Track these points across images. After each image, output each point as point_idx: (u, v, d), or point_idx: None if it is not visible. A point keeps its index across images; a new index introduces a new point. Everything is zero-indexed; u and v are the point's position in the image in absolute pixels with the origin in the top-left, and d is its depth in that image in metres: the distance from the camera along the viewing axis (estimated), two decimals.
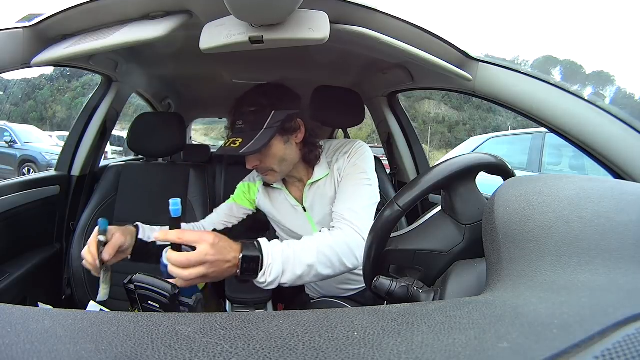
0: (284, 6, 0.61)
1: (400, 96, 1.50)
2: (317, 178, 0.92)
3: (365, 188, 0.86)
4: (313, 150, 0.91)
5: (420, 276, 0.50)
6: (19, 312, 0.25)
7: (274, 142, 0.84)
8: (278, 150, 0.85)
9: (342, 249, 0.74)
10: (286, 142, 0.87)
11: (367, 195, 0.86)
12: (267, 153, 0.85)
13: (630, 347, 0.17)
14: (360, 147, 0.93)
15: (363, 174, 0.88)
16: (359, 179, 0.87)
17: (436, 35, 0.78)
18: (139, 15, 0.74)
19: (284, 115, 0.83)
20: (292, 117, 0.86)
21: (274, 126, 0.82)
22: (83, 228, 1.17)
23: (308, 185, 0.93)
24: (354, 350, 0.21)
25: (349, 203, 0.84)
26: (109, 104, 1.36)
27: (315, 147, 0.92)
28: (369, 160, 0.91)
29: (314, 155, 0.91)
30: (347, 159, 0.91)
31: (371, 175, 0.89)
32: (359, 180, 0.87)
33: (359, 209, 0.82)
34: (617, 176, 0.68)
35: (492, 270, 0.31)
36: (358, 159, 0.90)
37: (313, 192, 0.94)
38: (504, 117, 37.42)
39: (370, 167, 0.90)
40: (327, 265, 0.73)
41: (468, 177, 0.50)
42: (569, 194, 0.32)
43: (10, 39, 0.72)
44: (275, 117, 0.82)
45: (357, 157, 0.90)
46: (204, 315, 0.25)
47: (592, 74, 67.55)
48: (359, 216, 0.81)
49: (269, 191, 1.02)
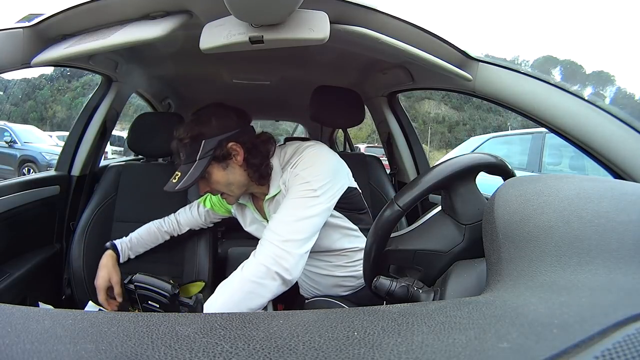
0: (284, 6, 0.61)
1: (400, 96, 1.50)
2: (273, 194, 0.88)
3: (304, 200, 0.78)
4: (257, 170, 0.86)
5: (420, 276, 0.50)
6: (19, 312, 0.25)
7: (212, 170, 0.84)
8: (219, 177, 0.85)
9: (257, 272, 0.72)
10: (225, 168, 0.85)
11: (305, 206, 0.78)
12: (210, 180, 0.85)
13: (630, 347, 0.17)
14: (307, 154, 0.85)
15: (305, 185, 0.80)
16: (299, 190, 0.80)
17: (436, 35, 0.78)
18: (139, 15, 0.74)
19: (215, 142, 0.82)
20: (223, 143, 0.83)
21: (207, 156, 0.82)
22: (83, 228, 1.17)
23: (266, 202, 0.91)
24: (354, 350, 0.21)
25: (276, 221, 0.78)
26: (109, 104, 1.36)
27: (260, 165, 0.86)
28: (316, 166, 0.82)
29: (258, 174, 0.87)
30: (291, 170, 0.85)
31: (319, 184, 0.79)
32: (299, 192, 0.80)
33: (286, 222, 0.77)
34: (617, 176, 0.68)
35: (492, 270, 0.31)
36: (301, 168, 0.83)
37: (272, 208, 0.90)
38: (504, 117, 37.45)
39: (318, 174, 0.80)
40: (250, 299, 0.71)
41: (468, 177, 0.50)
42: (569, 194, 0.32)
43: (10, 39, 0.72)
44: (206, 146, 0.82)
45: (300, 166, 0.83)
46: (204, 315, 0.25)
47: (592, 74, 67.57)
48: (285, 229, 0.76)
49: (240, 205, 1.02)
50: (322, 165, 0.83)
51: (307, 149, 0.86)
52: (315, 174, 0.81)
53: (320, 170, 0.82)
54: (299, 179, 0.81)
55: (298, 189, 0.80)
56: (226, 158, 0.84)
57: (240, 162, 0.85)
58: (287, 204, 0.80)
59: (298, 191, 0.80)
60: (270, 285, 0.72)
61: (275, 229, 0.76)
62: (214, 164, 0.84)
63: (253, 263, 0.74)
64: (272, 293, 0.73)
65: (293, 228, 0.76)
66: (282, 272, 0.72)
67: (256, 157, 0.86)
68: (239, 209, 1.03)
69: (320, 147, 0.88)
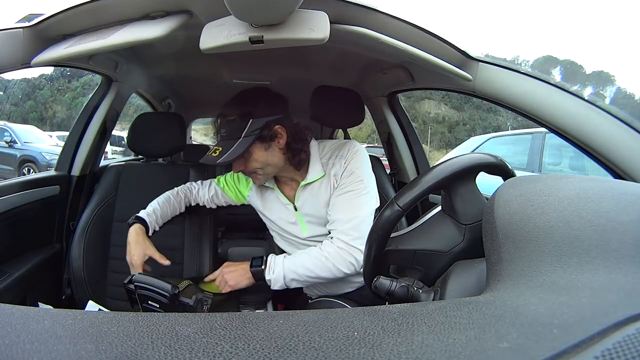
0: (284, 6, 0.61)
1: (400, 96, 1.50)
2: (311, 180, 0.93)
3: (362, 198, 0.88)
4: (297, 155, 0.91)
5: (420, 276, 0.50)
6: (19, 312, 0.25)
7: (254, 149, 0.87)
8: (259, 157, 0.88)
9: (336, 258, 0.85)
10: (267, 149, 0.88)
11: (365, 205, 0.88)
12: (249, 159, 0.88)
13: (630, 347, 0.17)
14: (356, 151, 0.93)
15: (360, 183, 0.89)
16: (357, 188, 0.88)
17: (436, 35, 0.78)
18: (139, 15, 0.74)
19: (262, 123, 0.85)
20: (270, 125, 0.87)
21: (252, 134, 0.85)
22: (83, 228, 1.17)
23: (302, 187, 0.95)
24: (354, 350, 0.21)
25: (346, 215, 0.87)
26: (109, 104, 1.36)
27: (300, 151, 0.92)
28: (365, 165, 0.92)
29: (298, 159, 0.92)
30: (344, 164, 0.91)
31: (369, 182, 0.90)
32: (356, 190, 0.88)
33: (355, 221, 0.86)
34: (617, 176, 0.68)
35: (492, 270, 0.31)
36: (355, 166, 0.90)
37: (307, 193, 0.95)
38: (504, 117, 37.40)
39: (368, 172, 0.91)
40: (324, 269, 0.86)
41: (468, 177, 0.50)
42: (569, 194, 0.32)
43: (10, 39, 0.72)
44: (253, 125, 0.85)
45: (353, 163, 0.91)
46: (204, 315, 0.25)
47: (592, 74, 67.53)
48: (356, 228, 0.85)
49: (261, 189, 1.04)
50: (369, 164, 0.94)
51: (352, 147, 0.94)
52: (367, 173, 0.91)
53: (369, 169, 0.93)
54: (354, 177, 0.89)
55: (354, 187, 0.89)
56: (270, 139, 0.88)
57: (282, 145, 0.90)
58: (349, 202, 0.88)
59: (355, 189, 0.89)
60: (343, 270, 0.86)
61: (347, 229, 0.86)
62: (257, 144, 0.87)
63: (332, 248, 0.86)
64: (341, 275, 0.87)
65: (360, 227, 0.86)
66: (354, 262, 0.85)
67: (298, 143, 0.91)
68: (259, 193, 1.05)
69: (360, 146, 0.96)
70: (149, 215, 1.02)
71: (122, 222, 1.21)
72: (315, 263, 0.86)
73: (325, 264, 0.85)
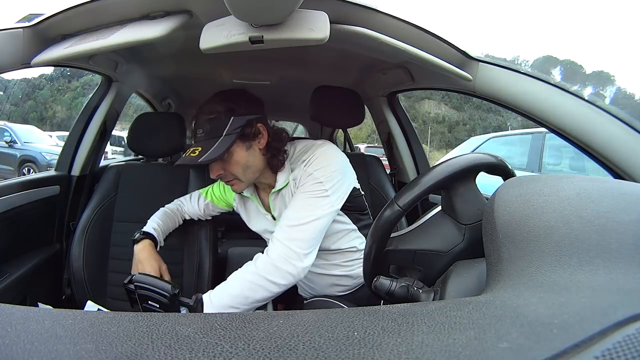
0: (284, 6, 0.61)
1: (400, 96, 1.50)
2: (279, 187, 0.89)
3: (317, 200, 0.81)
4: (276, 155, 0.87)
5: (420, 276, 0.50)
6: (19, 312, 0.25)
7: (235, 149, 0.82)
8: (240, 157, 0.83)
9: (268, 269, 0.77)
10: (248, 149, 0.84)
11: (317, 207, 0.80)
12: (230, 160, 0.83)
13: (630, 347, 0.17)
14: (320, 154, 0.86)
15: (318, 185, 0.81)
16: (313, 190, 0.81)
17: (436, 35, 0.78)
18: (139, 15, 0.74)
19: (244, 120, 0.82)
20: (252, 122, 0.83)
21: (234, 132, 0.81)
22: (83, 228, 1.17)
23: (272, 194, 0.91)
24: (354, 350, 0.21)
25: (292, 213, 0.81)
26: (109, 104, 1.36)
27: (279, 151, 0.88)
28: (329, 166, 0.83)
29: (276, 160, 0.87)
30: (304, 167, 0.85)
31: (330, 184, 0.81)
32: (312, 192, 0.81)
33: (301, 221, 0.79)
34: (617, 176, 0.68)
35: (492, 270, 0.31)
36: (314, 168, 0.83)
37: (279, 201, 0.91)
38: (504, 117, 37.42)
39: (330, 174, 0.82)
40: (256, 290, 0.76)
41: (468, 177, 0.50)
42: (569, 194, 0.32)
43: (10, 39, 0.72)
44: (235, 123, 0.81)
45: (314, 165, 0.84)
46: (204, 315, 0.25)
47: (592, 74, 67.52)
48: (299, 228, 0.79)
49: (244, 200, 1.02)
50: (333, 165, 0.84)
51: (319, 149, 0.87)
52: (328, 174, 0.82)
53: (331, 170, 0.83)
54: (312, 179, 0.82)
55: (310, 189, 0.82)
56: (252, 138, 0.85)
57: (262, 145, 0.86)
58: (299, 204, 0.82)
59: (310, 191, 0.82)
60: (279, 282, 0.77)
61: (287, 229, 0.80)
62: (239, 143, 0.83)
63: (265, 260, 0.78)
64: (280, 289, 0.78)
65: (304, 228, 0.79)
66: (291, 271, 0.77)
67: (278, 142, 0.88)
68: (242, 203, 1.03)
69: (330, 147, 0.89)
70: (155, 230, 1.00)
71: (122, 222, 1.22)
72: (246, 286, 0.76)
73: (257, 283, 0.76)
